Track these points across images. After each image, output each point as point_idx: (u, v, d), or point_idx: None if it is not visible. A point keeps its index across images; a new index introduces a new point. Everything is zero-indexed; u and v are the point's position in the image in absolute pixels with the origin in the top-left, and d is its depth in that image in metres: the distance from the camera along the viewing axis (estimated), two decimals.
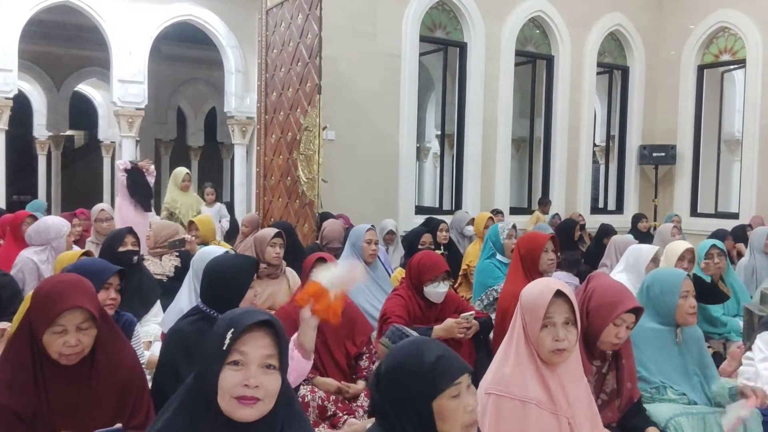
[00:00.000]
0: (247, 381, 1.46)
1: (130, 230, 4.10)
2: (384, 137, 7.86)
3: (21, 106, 9.57)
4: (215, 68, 10.82)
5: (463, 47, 8.61)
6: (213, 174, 14.44)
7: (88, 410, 1.99)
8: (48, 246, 4.48)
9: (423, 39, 8.27)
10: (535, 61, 9.48)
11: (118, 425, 1.85)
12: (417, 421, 1.59)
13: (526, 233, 4.15)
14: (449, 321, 3.35)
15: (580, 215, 8.54)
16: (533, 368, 2.05)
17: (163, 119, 13.14)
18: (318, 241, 5.61)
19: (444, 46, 8.76)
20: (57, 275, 2.40)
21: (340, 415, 3.02)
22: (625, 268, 4.08)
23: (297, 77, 6.76)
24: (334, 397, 3.06)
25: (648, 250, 4.12)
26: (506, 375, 2.05)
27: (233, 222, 8.24)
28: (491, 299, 4.38)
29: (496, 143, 8.75)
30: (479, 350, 3.55)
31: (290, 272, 4.47)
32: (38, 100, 12.40)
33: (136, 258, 4.01)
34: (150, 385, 2.35)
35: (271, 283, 4.25)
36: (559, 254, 3.96)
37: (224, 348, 1.47)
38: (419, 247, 5.25)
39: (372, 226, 4.67)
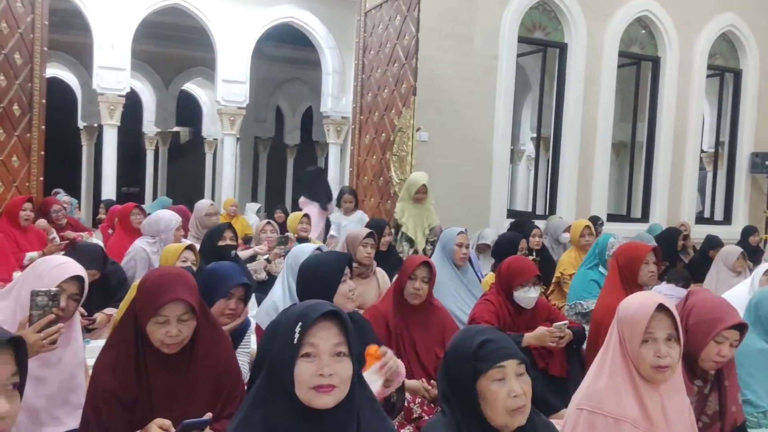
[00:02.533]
0: (321, 371, 1.50)
1: (229, 226, 4.26)
2: (477, 139, 7.77)
3: (132, 104, 10.14)
4: (313, 69, 11.05)
5: (563, 48, 8.38)
6: None
7: (185, 398, 2.07)
8: (158, 238, 4.72)
9: (521, 40, 8.11)
10: (639, 62, 9.08)
11: (208, 415, 1.91)
12: (466, 403, 1.66)
13: (626, 243, 3.97)
14: (541, 329, 3.27)
15: (683, 224, 8.11)
16: (630, 385, 1.95)
17: (262, 118, 13.56)
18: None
19: (543, 47, 8.56)
20: (162, 268, 2.51)
21: (426, 418, 3.00)
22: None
23: (393, 78, 6.80)
24: (420, 399, 3.04)
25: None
26: (600, 390, 1.97)
27: (326, 220, 8.40)
28: (577, 311, 4.24)
29: (594, 147, 8.46)
30: (572, 361, 3.44)
31: (380, 272, 4.50)
32: (148, 97, 13.09)
33: (234, 252, 4.15)
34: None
35: (362, 282, 4.29)
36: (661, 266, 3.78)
37: (295, 342, 1.51)
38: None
39: (464, 229, 4.63)
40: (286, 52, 12.37)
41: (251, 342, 3.16)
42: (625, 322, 1.98)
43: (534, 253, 5.73)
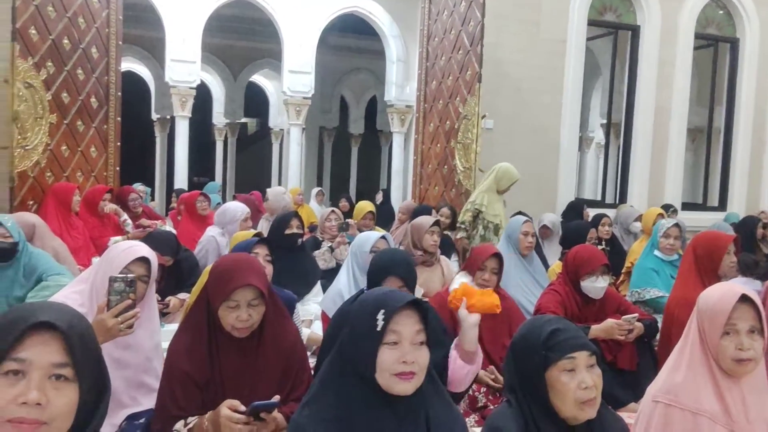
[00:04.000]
0: (404, 358, 1.53)
1: (295, 214, 4.32)
2: (544, 126, 7.60)
3: (202, 95, 10.41)
4: (377, 58, 11.06)
5: (635, 30, 8.09)
6: (371, 161, 14.87)
7: (255, 380, 2.11)
8: (225, 229, 4.85)
9: (591, 23, 7.87)
10: (717, 44, 8.67)
11: (276, 398, 1.94)
12: (534, 393, 1.64)
13: (705, 232, 3.80)
14: (609, 321, 3.17)
15: (762, 212, 7.71)
16: (709, 378, 1.87)
17: (327, 108, 13.70)
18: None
19: (614, 30, 8.29)
20: (232, 254, 2.56)
21: (491, 407, 2.97)
22: None
23: (457, 65, 6.73)
24: (485, 388, 3.02)
25: None
26: (677, 384, 1.89)
27: (389, 209, 8.42)
28: (636, 300, 4.10)
29: (668, 133, 8.15)
30: (642, 354, 3.33)
31: (444, 260, 4.48)
32: (217, 89, 13.43)
33: (300, 240, 4.21)
34: (315, 362, 2.46)
35: (426, 270, 4.28)
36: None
37: (378, 329, 1.53)
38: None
39: (529, 218, 4.55)
40: (350, 42, 12.43)
41: (299, 320, 3.21)
42: (705, 314, 1.90)
43: (603, 243, 5.57)
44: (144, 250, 2.34)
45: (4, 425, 1.04)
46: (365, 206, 5.80)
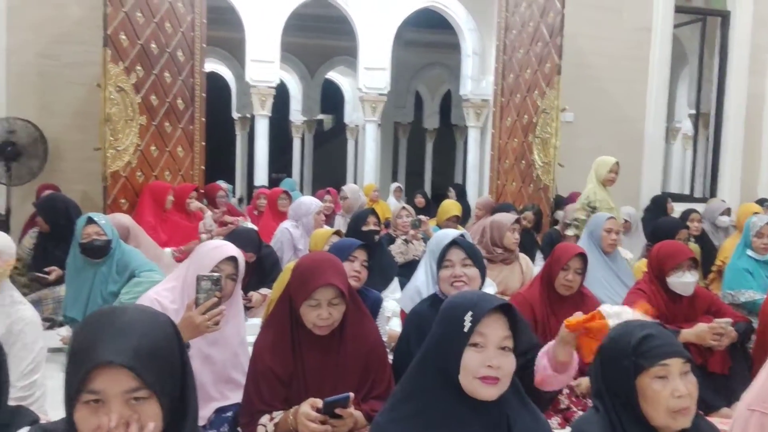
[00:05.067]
0: (489, 362, 1.51)
1: (372, 211, 4.36)
2: (628, 118, 7.34)
3: (281, 94, 10.62)
4: (452, 52, 10.97)
5: (725, 16, 7.69)
6: (446, 156, 14.79)
7: (336, 377, 2.15)
8: (300, 221, 4.98)
9: (678, 10, 7.54)
10: None
11: (348, 394, 1.95)
12: (623, 400, 1.58)
13: None
14: (701, 326, 3.02)
15: None
16: None
17: (402, 103, 13.71)
18: (557, 227, 5.46)
19: (702, 16, 7.91)
20: (314, 253, 2.61)
21: (574, 409, 2.91)
22: None
23: (536, 58, 6.59)
24: (567, 390, 2.95)
25: None
26: None
27: (464, 204, 8.35)
28: (728, 303, 3.89)
29: (762, 123, 7.72)
30: (736, 358, 3.17)
31: (524, 258, 4.40)
32: (294, 87, 13.69)
33: (377, 237, 4.24)
34: (392, 359, 2.47)
35: (505, 268, 4.23)
36: None
37: (465, 330, 1.52)
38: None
39: (612, 215, 4.41)
40: (424, 37, 12.38)
41: (384, 319, 3.24)
42: None
43: (693, 239, 5.34)
44: (232, 249, 2.42)
45: None
46: (450, 208, 5.61)
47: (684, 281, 3.11)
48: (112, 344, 1.10)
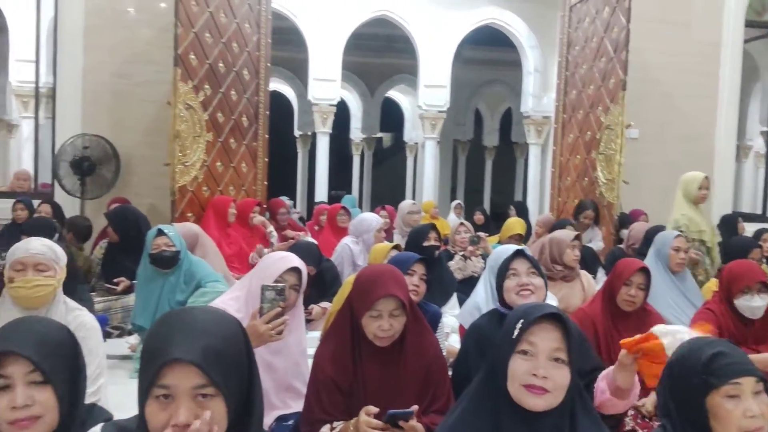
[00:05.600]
0: (535, 370, 1.49)
1: (433, 227, 4.36)
2: (696, 135, 7.13)
3: (341, 112, 10.79)
4: (513, 69, 10.92)
5: None
6: (506, 173, 14.65)
7: (395, 389, 2.15)
8: (361, 238, 5.02)
9: (749, 24, 7.30)
10: None
11: (414, 407, 1.95)
12: (692, 419, 1.53)
13: None
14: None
15: None
16: None
17: (461, 120, 13.70)
18: (622, 245, 5.33)
19: None
20: (375, 265, 2.63)
21: (639, 431, 2.81)
22: None
23: (600, 73, 6.48)
24: (632, 412, 2.85)
25: None
26: None
27: (526, 222, 8.23)
28: None
29: None
30: None
31: (585, 275, 4.31)
32: (355, 105, 13.87)
33: (437, 252, 4.24)
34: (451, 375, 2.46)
35: (565, 285, 4.14)
36: None
37: (513, 337, 1.52)
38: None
39: (681, 232, 4.27)
40: (484, 54, 12.38)
41: (443, 334, 3.21)
42: None
43: (766, 261, 5.11)
44: (295, 260, 2.46)
45: None
46: (514, 226, 5.54)
47: (752, 305, 2.99)
48: (183, 342, 1.14)
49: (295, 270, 2.45)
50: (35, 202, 5.84)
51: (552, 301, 3.44)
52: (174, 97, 5.44)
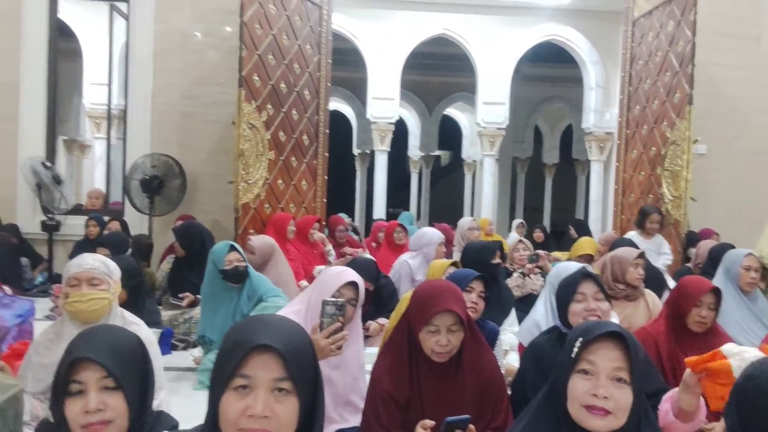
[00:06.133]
0: (595, 390, 1.45)
1: (500, 245, 4.37)
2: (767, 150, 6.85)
3: (399, 130, 10.86)
4: (573, 85, 10.77)
5: None
6: (566, 191, 14.40)
7: (452, 405, 2.14)
8: (420, 252, 5.03)
9: None
10: None
11: (468, 416, 1.93)
12: None
13: None
14: None
15: None
16: None
17: (520, 138, 13.58)
18: (689, 264, 5.16)
19: None
20: (433, 280, 2.63)
21: None
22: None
23: (664, 88, 6.33)
24: None
25: None
26: None
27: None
28: None
29: None
30: None
31: (649, 294, 4.18)
32: (413, 123, 13.94)
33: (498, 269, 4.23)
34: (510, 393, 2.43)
35: (629, 305, 4.03)
36: None
37: (572, 356, 1.49)
38: None
39: (751, 251, 4.10)
40: (543, 71, 12.27)
41: (501, 351, 3.17)
42: None
43: None
44: (353, 275, 2.50)
45: None
46: (585, 246, 5.39)
47: None
48: (267, 333, 1.19)
49: (353, 284, 2.48)
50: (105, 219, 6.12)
51: (615, 320, 3.36)
52: (238, 117, 5.60)
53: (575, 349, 1.49)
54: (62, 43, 7.26)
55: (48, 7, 6.65)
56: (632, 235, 5.74)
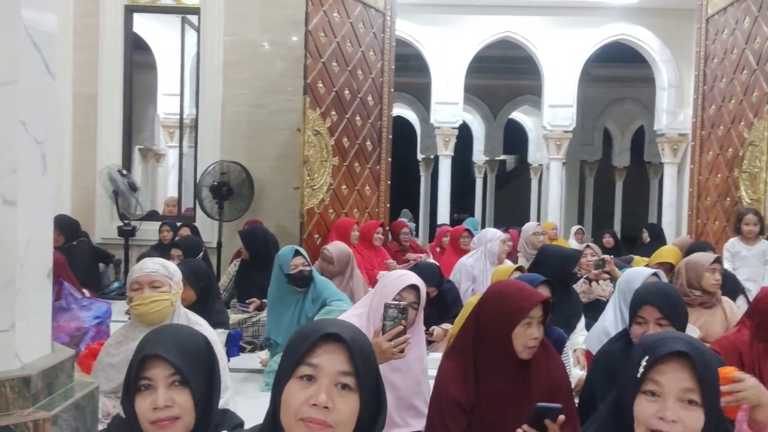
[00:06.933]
0: (663, 414, 1.37)
1: (581, 254, 4.33)
2: None
3: (463, 134, 10.79)
4: (644, 86, 10.46)
5: None
6: (638, 195, 13.96)
7: (519, 409, 2.10)
8: (482, 248, 5.01)
9: None
10: None
11: (559, 405, 1.88)
12: None
13: None
14: None
15: None
16: None
17: (589, 140, 13.25)
18: None
19: None
20: (504, 280, 2.57)
21: None
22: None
23: (741, 87, 6.06)
24: None
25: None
26: None
27: (662, 246, 7.79)
28: None
29: None
30: None
31: (727, 301, 4.00)
32: (477, 128, 13.84)
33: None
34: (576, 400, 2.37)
35: (705, 312, 3.86)
36: None
37: (638, 376, 1.41)
38: None
39: None
40: (613, 72, 11.96)
41: (569, 358, 3.10)
42: None
43: None
44: (414, 278, 2.49)
45: (297, 423, 1.18)
46: (666, 254, 5.01)
47: None
48: (337, 326, 1.22)
49: (414, 288, 2.47)
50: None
51: (692, 332, 3.21)
52: (303, 124, 5.70)
53: (641, 369, 1.42)
54: (137, 56, 7.58)
55: (124, 22, 6.95)
56: (733, 242, 5.36)
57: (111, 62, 6.89)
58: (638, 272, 3.33)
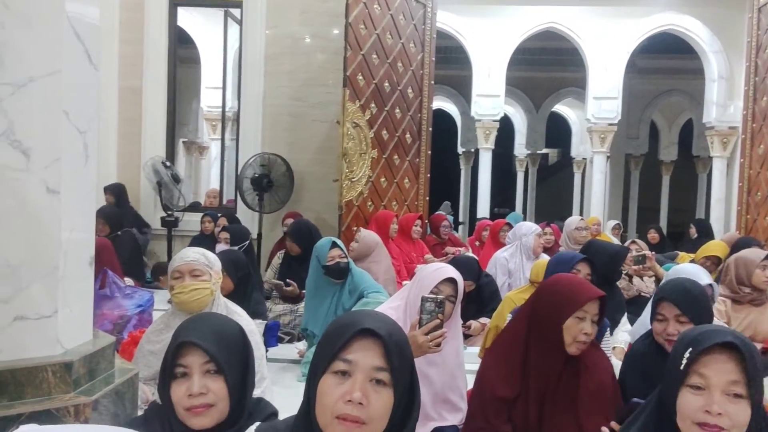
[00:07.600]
0: (708, 407, 1.33)
1: (628, 251, 4.29)
2: None
3: (504, 128, 10.66)
4: (693, 77, 10.17)
5: None
6: (685, 190, 13.60)
7: (563, 406, 2.07)
8: (518, 242, 4.95)
9: None
10: None
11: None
12: None
13: None
14: None
15: None
16: None
17: (634, 134, 12.95)
18: None
19: None
20: (560, 274, 2.50)
21: None
22: None
23: None
24: None
25: None
26: None
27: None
28: None
29: None
30: None
31: None
32: (519, 121, 13.65)
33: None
34: None
35: (754, 309, 3.74)
36: None
37: (681, 368, 1.37)
38: None
39: None
40: (660, 63, 11.65)
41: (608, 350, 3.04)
42: None
43: None
44: (451, 271, 2.47)
45: (333, 421, 1.17)
46: (713, 248, 4.91)
47: None
48: (372, 320, 1.22)
49: (451, 281, 2.45)
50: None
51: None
52: (342, 116, 5.70)
53: (684, 361, 1.37)
54: (181, 50, 7.70)
55: (168, 16, 7.06)
56: None
57: (156, 56, 7.01)
58: (683, 269, 3.26)
